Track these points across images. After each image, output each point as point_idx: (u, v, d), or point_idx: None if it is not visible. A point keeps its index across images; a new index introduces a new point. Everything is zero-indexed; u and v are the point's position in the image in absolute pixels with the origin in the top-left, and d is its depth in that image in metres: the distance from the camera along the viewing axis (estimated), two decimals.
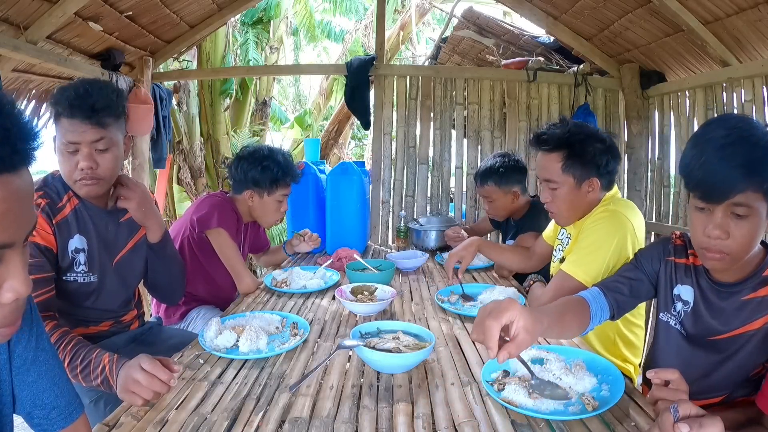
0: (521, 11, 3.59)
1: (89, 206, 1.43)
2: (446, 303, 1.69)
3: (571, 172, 1.59)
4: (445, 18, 5.53)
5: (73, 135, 1.31)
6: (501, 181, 2.40)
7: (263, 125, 6.51)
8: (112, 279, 1.49)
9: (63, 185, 1.39)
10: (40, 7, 2.53)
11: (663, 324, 1.24)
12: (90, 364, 1.13)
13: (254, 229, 2.32)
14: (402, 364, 1.14)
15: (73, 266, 1.39)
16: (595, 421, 0.93)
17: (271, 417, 0.96)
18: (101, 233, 1.45)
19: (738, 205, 0.97)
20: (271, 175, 2.05)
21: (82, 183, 1.35)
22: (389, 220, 3.65)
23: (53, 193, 1.37)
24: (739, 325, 1.08)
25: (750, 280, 1.05)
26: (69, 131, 1.32)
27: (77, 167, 1.32)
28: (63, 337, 1.18)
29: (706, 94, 2.92)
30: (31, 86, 3.18)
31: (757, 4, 2.26)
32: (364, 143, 9.81)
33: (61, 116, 1.32)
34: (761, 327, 1.04)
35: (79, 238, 1.39)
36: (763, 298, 1.04)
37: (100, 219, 1.45)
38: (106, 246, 1.47)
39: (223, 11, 3.65)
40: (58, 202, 1.37)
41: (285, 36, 7.06)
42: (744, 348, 1.08)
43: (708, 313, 1.13)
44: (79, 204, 1.40)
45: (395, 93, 3.62)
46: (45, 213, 1.32)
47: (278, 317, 1.49)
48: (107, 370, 1.10)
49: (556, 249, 1.85)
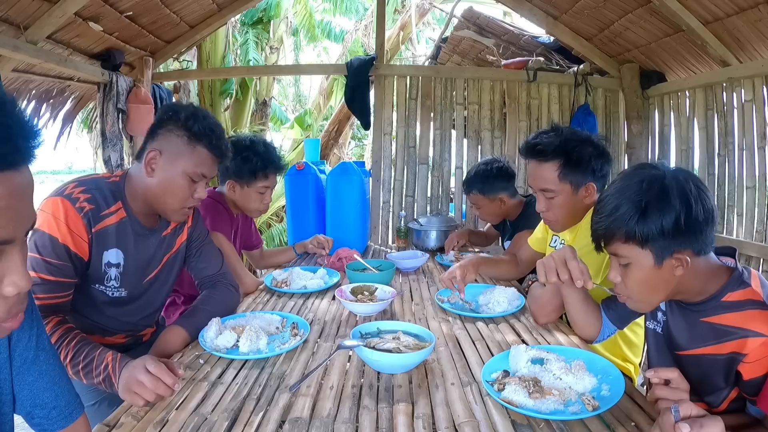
0: (521, 11, 3.59)
1: (136, 222, 1.38)
2: (446, 303, 1.69)
3: (568, 180, 1.57)
4: (445, 18, 5.53)
5: (207, 168, 1.39)
6: (485, 189, 2.41)
7: (263, 125, 6.51)
8: (141, 295, 1.48)
9: (115, 194, 1.34)
10: (40, 7, 2.53)
11: (650, 331, 1.27)
12: (93, 362, 1.11)
13: (245, 223, 2.30)
14: (402, 364, 1.14)
15: (104, 280, 1.35)
16: (595, 421, 0.93)
17: (271, 417, 0.96)
18: (140, 250, 1.41)
19: (614, 254, 1.07)
20: (250, 166, 2.01)
21: (187, 211, 1.41)
22: (389, 220, 3.65)
23: (101, 199, 1.31)
24: (696, 345, 1.08)
25: (710, 302, 1.05)
26: (204, 164, 1.38)
27: (193, 196, 1.38)
28: (66, 334, 1.16)
29: (706, 94, 2.92)
30: (31, 86, 3.18)
31: (757, 4, 2.26)
32: (364, 143, 9.81)
33: (200, 146, 1.36)
34: (715, 355, 1.03)
35: (116, 252, 1.35)
36: (717, 326, 1.02)
37: (144, 236, 1.41)
38: (142, 264, 1.43)
39: (223, 11, 3.66)
40: (104, 210, 1.31)
41: (285, 36, 7.06)
42: (699, 368, 1.07)
43: (674, 326, 1.15)
44: (126, 218, 1.36)
45: (395, 93, 3.62)
46: (86, 219, 1.26)
47: (278, 317, 1.48)
48: (110, 368, 1.09)
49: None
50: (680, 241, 0.98)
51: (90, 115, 4.45)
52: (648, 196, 0.99)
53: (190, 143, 1.35)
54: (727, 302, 1.02)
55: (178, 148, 1.34)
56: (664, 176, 1.01)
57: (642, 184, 1.00)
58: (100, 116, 3.41)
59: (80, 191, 1.27)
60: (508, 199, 2.43)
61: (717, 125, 2.87)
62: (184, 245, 1.58)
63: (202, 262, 1.62)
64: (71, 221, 1.23)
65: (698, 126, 3.00)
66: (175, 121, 1.35)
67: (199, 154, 1.35)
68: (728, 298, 1.02)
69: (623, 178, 1.07)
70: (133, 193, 1.38)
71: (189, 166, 1.34)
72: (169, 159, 1.34)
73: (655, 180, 1.00)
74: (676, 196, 0.97)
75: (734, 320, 1.00)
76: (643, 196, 0.99)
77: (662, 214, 0.97)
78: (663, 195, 0.98)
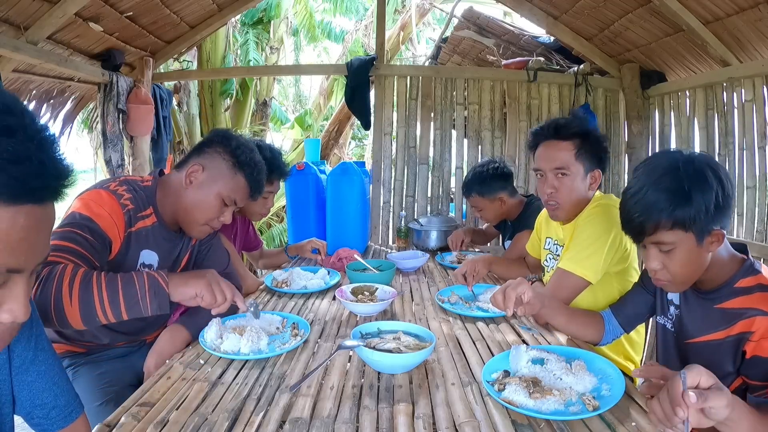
0: (521, 11, 3.59)
1: (164, 227, 1.43)
2: (447, 303, 1.69)
3: (582, 161, 1.62)
4: (445, 18, 5.53)
5: (240, 197, 1.44)
6: (484, 191, 2.43)
7: (263, 125, 6.51)
8: None
9: (148, 199, 1.39)
10: (40, 7, 2.53)
11: (660, 327, 1.30)
12: (132, 277, 1.11)
13: (243, 224, 2.31)
14: (402, 365, 1.14)
15: None
16: (596, 421, 0.93)
17: (271, 417, 0.96)
18: (169, 253, 1.47)
19: (658, 243, 1.07)
20: None
21: (208, 230, 1.45)
22: (389, 221, 3.65)
23: (140, 201, 1.36)
24: (707, 332, 1.11)
25: (723, 288, 1.09)
26: (239, 192, 1.43)
27: (219, 218, 1.43)
28: (89, 271, 1.11)
29: (706, 93, 2.92)
30: (31, 87, 3.18)
31: (757, 4, 2.26)
32: (364, 143, 9.81)
33: (240, 174, 1.42)
34: (724, 338, 1.06)
35: (152, 254, 1.40)
36: (729, 310, 1.06)
37: (171, 241, 1.47)
38: (168, 265, 1.48)
39: (223, 11, 3.66)
40: (141, 212, 1.36)
41: (285, 36, 7.06)
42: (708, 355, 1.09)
43: (687, 316, 1.18)
44: (157, 222, 1.41)
45: (395, 93, 3.62)
46: (127, 216, 1.31)
47: (279, 318, 1.48)
48: (155, 273, 1.14)
49: (545, 259, 1.86)
50: (717, 218, 1.02)
51: (90, 115, 4.45)
52: (688, 181, 1.01)
53: (233, 169, 1.41)
54: (739, 288, 1.06)
55: (221, 170, 1.41)
56: (693, 159, 1.04)
57: (678, 171, 1.02)
58: (101, 116, 3.41)
59: (124, 189, 1.33)
60: (507, 199, 2.43)
61: (717, 125, 2.86)
62: (197, 244, 1.62)
63: (209, 261, 1.64)
64: (115, 214, 1.28)
65: (698, 126, 3.00)
66: (225, 146, 1.42)
67: (237, 181, 1.42)
68: (740, 284, 1.06)
69: (651, 170, 1.07)
70: (163, 200, 1.42)
71: (225, 189, 1.41)
72: (210, 177, 1.40)
73: (689, 163, 1.03)
74: (711, 176, 1.00)
75: (744, 303, 1.04)
76: (683, 181, 1.01)
77: (704, 195, 1.00)
78: (701, 176, 1.01)
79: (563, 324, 1.40)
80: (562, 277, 1.56)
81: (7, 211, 0.53)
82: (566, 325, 1.40)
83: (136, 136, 3.56)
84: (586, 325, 1.41)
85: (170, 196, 1.42)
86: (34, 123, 0.55)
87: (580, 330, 1.40)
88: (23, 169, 0.52)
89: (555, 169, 1.64)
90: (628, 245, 1.58)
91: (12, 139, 0.52)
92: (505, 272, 2.08)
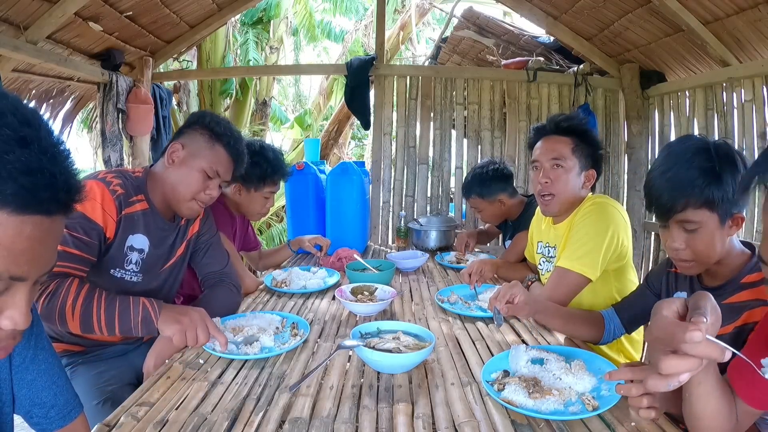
0: (521, 11, 3.59)
1: (157, 214, 1.47)
2: (446, 303, 1.69)
3: (577, 157, 1.66)
4: (445, 18, 5.53)
5: (223, 168, 1.48)
6: (483, 192, 2.43)
7: (263, 125, 6.51)
8: (156, 283, 1.53)
9: (139, 187, 1.44)
10: (40, 7, 2.53)
11: None
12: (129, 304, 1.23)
13: (242, 225, 2.31)
14: (402, 365, 1.14)
15: (124, 263, 1.41)
16: (596, 421, 0.93)
17: (271, 417, 0.96)
18: (162, 239, 1.50)
19: (684, 221, 1.08)
20: (260, 171, 2.03)
21: (198, 205, 1.47)
22: (389, 220, 3.65)
23: (130, 187, 1.41)
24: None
25: (730, 284, 1.10)
26: (221, 163, 1.47)
27: (205, 192, 1.46)
28: (93, 289, 1.23)
29: (706, 94, 2.92)
30: (31, 86, 3.18)
31: (757, 4, 2.26)
32: (364, 143, 9.81)
33: (218, 145, 1.46)
34: (732, 331, 1.07)
35: (143, 238, 1.43)
36: (735, 304, 1.07)
37: (164, 228, 1.50)
38: (161, 252, 1.51)
39: (223, 11, 3.66)
40: (131, 197, 1.41)
41: (285, 36, 7.06)
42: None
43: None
44: (149, 209, 1.45)
45: (395, 93, 3.62)
46: (118, 201, 1.35)
47: (278, 317, 1.48)
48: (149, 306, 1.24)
49: (539, 263, 1.86)
50: (738, 202, 1.04)
51: (90, 115, 4.46)
52: (720, 162, 1.03)
53: (210, 141, 1.46)
54: (745, 283, 1.08)
55: (199, 144, 1.46)
56: (722, 143, 1.06)
57: (710, 152, 1.04)
58: (100, 116, 3.41)
59: (113, 176, 1.39)
60: (507, 200, 2.43)
61: (717, 125, 2.86)
62: (194, 237, 1.63)
63: (208, 258, 1.66)
64: (106, 203, 1.33)
65: (698, 126, 3.00)
66: (201, 123, 1.48)
67: (216, 151, 1.47)
68: (746, 279, 1.08)
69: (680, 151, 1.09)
70: (153, 188, 1.47)
71: (206, 163, 1.45)
72: (190, 153, 1.45)
73: (719, 146, 1.05)
74: (740, 160, 1.03)
75: (750, 295, 1.06)
76: (715, 161, 1.03)
77: (733, 176, 1.02)
78: (731, 159, 1.04)
79: (560, 327, 1.41)
80: (561, 275, 1.56)
81: (15, 219, 0.53)
82: (564, 327, 1.41)
83: (136, 135, 3.56)
84: (585, 326, 1.41)
85: (158, 182, 1.47)
86: (50, 136, 0.56)
87: (578, 331, 1.40)
88: (34, 180, 0.53)
89: (552, 160, 1.66)
90: (626, 242, 1.59)
91: (26, 150, 0.52)
92: (511, 276, 2.07)
